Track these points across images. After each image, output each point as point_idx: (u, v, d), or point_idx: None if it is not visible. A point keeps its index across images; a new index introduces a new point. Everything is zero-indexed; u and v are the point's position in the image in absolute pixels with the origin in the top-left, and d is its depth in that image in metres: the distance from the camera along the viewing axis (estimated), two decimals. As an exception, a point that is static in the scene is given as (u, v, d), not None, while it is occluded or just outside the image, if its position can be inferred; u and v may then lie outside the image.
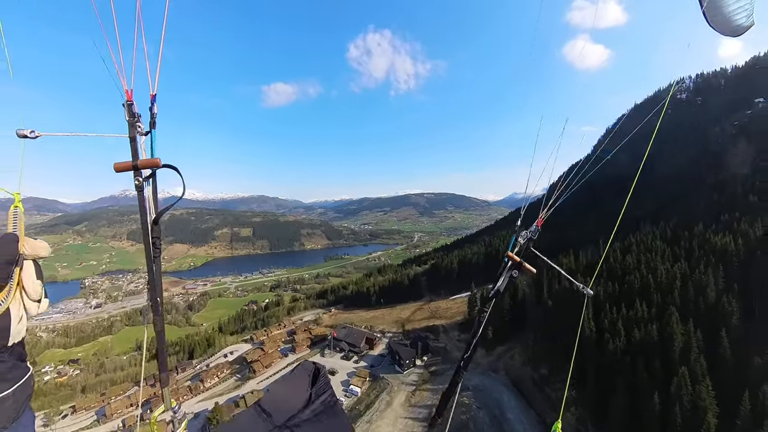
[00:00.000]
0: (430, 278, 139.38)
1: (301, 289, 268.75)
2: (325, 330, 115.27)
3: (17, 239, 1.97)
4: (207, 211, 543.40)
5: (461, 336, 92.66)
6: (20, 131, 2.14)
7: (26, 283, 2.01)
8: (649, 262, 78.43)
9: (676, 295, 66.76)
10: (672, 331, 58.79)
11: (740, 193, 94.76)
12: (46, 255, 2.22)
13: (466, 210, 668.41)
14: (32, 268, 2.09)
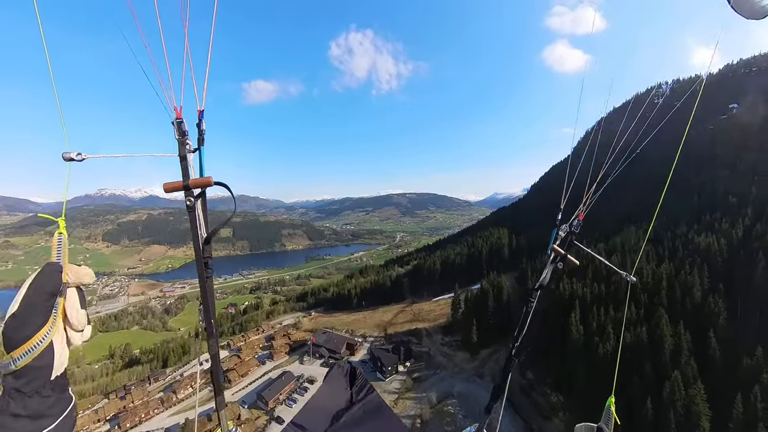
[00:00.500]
0: (413, 279, 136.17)
1: (282, 290, 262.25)
2: (305, 335, 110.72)
3: (61, 269, 1.85)
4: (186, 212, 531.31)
5: (445, 339, 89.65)
6: (66, 154, 2.02)
7: (70, 312, 1.89)
8: (635, 262, 76.71)
9: (663, 296, 65.14)
10: (662, 333, 56.79)
11: (720, 194, 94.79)
12: (90, 282, 2.06)
13: (448, 210, 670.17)
14: (76, 296, 1.95)
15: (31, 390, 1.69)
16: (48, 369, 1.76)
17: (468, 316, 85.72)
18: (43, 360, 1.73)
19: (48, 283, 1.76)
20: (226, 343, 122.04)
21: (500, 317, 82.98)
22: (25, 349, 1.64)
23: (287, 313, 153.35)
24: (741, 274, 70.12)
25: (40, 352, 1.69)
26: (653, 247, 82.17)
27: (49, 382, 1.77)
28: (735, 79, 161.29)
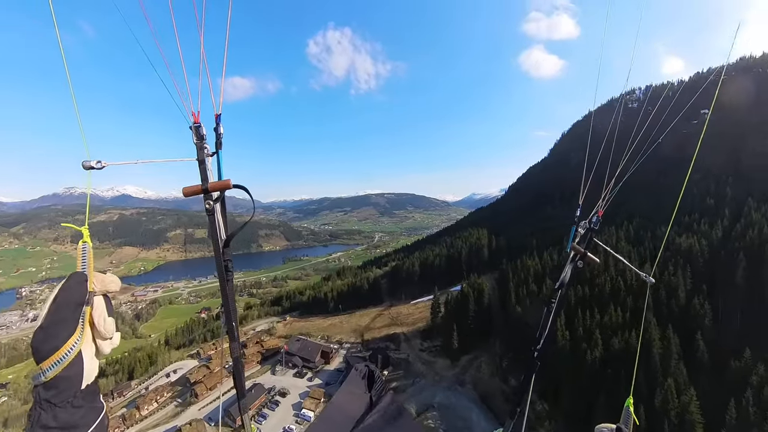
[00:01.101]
0: (391, 281, 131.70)
1: (258, 293, 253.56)
2: (279, 342, 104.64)
3: (86, 278, 1.85)
4: (160, 211, 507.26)
5: (424, 344, 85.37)
6: (86, 162, 2.06)
7: (97, 321, 1.90)
8: (617, 263, 74.28)
9: (648, 299, 62.48)
10: (650, 337, 53.85)
11: (697, 196, 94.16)
12: (116, 289, 2.07)
13: (426, 210, 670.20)
14: (103, 304, 1.95)
15: (61, 401, 1.68)
16: (78, 378, 1.76)
17: (448, 320, 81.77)
18: (72, 370, 1.72)
19: (74, 294, 1.76)
20: (196, 351, 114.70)
21: (481, 321, 79.30)
22: (54, 360, 1.63)
23: (261, 318, 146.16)
24: (722, 274, 68.64)
25: (69, 362, 1.68)
26: (633, 248, 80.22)
27: (80, 391, 1.77)
28: (709, 84, 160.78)
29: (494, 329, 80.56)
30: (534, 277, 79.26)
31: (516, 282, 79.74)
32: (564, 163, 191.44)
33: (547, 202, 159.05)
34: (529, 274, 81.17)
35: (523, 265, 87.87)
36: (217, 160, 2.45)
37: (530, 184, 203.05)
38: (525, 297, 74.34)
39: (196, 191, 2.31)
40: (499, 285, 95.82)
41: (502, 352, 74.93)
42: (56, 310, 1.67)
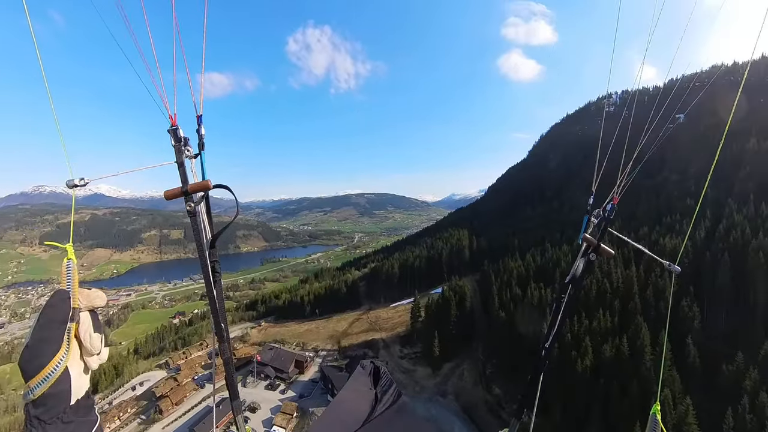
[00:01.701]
0: (370, 284, 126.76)
1: (235, 296, 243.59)
2: (252, 349, 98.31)
3: (69, 295, 1.87)
4: (134, 211, 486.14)
5: (404, 351, 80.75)
6: (70, 182, 2.07)
7: (83, 337, 1.92)
8: (602, 265, 71.41)
9: (637, 302, 59.68)
10: (642, 343, 50.67)
11: (676, 197, 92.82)
12: (101, 304, 2.09)
13: (406, 210, 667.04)
14: (89, 320, 1.97)
15: (51, 417, 1.70)
16: (66, 394, 1.78)
17: (428, 325, 77.47)
18: (59, 386, 1.74)
19: (57, 311, 1.78)
20: (165, 361, 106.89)
21: (463, 326, 75.28)
22: (41, 378, 1.66)
23: (235, 324, 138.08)
24: (707, 275, 66.65)
25: (56, 379, 1.70)
26: (616, 248, 77.72)
27: (69, 407, 1.79)
28: (682, 91, 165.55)
29: (477, 334, 76.80)
30: (518, 280, 75.71)
31: (499, 285, 76.07)
32: (542, 165, 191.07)
33: (527, 202, 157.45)
34: (512, 276, 77.61)
35: (505, 267, 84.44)
36: (201, 161, 2.42)
37: (509, 184, 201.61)
38: (509, 301, 70.63)
39: (176, 194, 2.30)
40: (481, 287, 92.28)
41: (485, 358, 71.11)
42: (41, 328, 1.69)
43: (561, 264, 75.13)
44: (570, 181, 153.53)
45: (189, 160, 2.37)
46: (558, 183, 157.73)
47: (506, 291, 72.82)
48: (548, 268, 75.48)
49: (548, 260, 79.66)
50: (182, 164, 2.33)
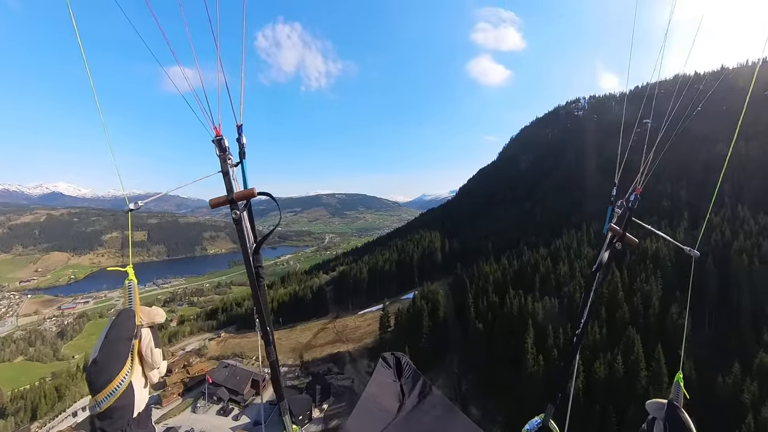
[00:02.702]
0: (338, 289, 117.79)
1: (199, 301, 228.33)
2: (208, 365, 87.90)
3: (134, 314, 2.03)
4: (94, 212, 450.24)
5: (371, 365, 72.49)
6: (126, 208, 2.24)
7: (145, 352, 2.05)
8: (584, 269, 65.91)
9: (625, 310, 54.10)
10: (637, 358, 44.71)
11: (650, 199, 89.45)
12: (161, 321, 2.26)
13: (377, 211, 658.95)
14: (150, 336, 2.10)
15: (115, 429, 1.79)
16: (130, 408, 1.87)
17: (398, 336, 69.77)
18: (124, 400, 1.83)
19: (123, 330, 1.90)
20: None
21: (436, 338, 67.77)
22: (108, 392, 1.76)
23: (193, 335, 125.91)
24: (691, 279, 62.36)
25: (121, 393, 1.80)
26: (595, 250, 72.59)
27: (132, 419, 1.88)
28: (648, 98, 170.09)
29: (451, 345, 69.67)
30: (494, 286, 69.10)
31: (475, 292, 69.23)
32: (513, 166, 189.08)
33: (498, 203, 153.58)
34: (488, 282, 70.98)
35: (480, 272, 77.97)
36: (242, 169, 2.47)
37: (480, 185, 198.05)
38: (486, 311, 63.73)
39: (222, 202, 2.34)
40: (455, 292, 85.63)
41: (461, 372, 64.10)
42: (108, 345, 1.82)
43: (539, 268, 69.24)
44: (541, 183, 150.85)
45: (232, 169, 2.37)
46: (529, 184, 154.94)
47: (483, 299, 65.98)
48: (526, 273, 69.41)
49: (525, 264, 73.69)
50: (227, 173, 2.34)
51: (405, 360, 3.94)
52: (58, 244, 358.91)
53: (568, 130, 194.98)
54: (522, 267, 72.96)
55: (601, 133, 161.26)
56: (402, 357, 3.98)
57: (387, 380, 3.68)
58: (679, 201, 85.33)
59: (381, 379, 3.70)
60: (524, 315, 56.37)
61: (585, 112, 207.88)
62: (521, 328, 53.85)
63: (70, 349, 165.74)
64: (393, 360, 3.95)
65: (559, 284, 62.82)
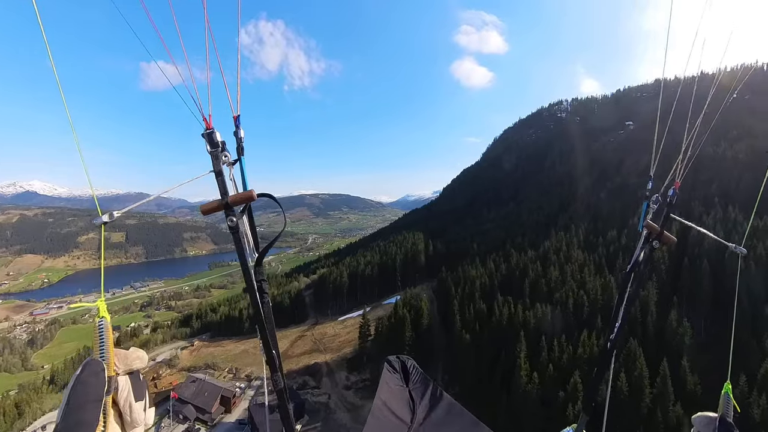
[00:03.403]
0: (317, 293, 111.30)
1: (177, 305, 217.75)
2: (179, 377, 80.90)
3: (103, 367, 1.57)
4: (70, 212, 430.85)
5: (350, 379, 66.63)
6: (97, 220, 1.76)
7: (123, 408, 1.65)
8: (575, 274, 61.50)
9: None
10: (640, 374, 40.08)
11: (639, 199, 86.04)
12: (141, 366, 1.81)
13: (361, 211, 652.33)
14: (128, 386, 1.68)
15: None
16: None
17: (379, 346, 64.01)
18: None
19: (91, 389, 1.47)
20: None
21: (419, 349, 62.07)
22: None
23: (166, 343, 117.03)
24: (686, 282, 58.64)
25: None
26: (585, 253, 68.47)
27: None
28: (628, 101, 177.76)
29: (435, 355, 64.39)
30: (481, 292, 64.07)
31: (460, 298, 64.04)
32: (497, 167, 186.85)
33: (483, 204, 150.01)
34: (474, 287, 65.89)
35: (466, 276, 72.95)
36: (240, 168, 2.07)
37: (465, 186, 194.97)
38: (473, 320, 58.48)
39: (215, 207, 1.98)
40: (439, 296, 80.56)
41: (445, 385, 58.74)
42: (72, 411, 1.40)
43: (529, 272, 64.63)
44: (526, 184, 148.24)
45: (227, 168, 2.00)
46: (514, 185, 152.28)
47: (469, 306, 60.80)
48: (515, 278, 64.75)
49: (514, 268, 68.97)
50: (220, 173, 1.96)
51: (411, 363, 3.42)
52: (32, 246, 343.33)
53: (551, 132, 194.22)
54: (510, 271, 68.23)
55: (584, 134, 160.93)
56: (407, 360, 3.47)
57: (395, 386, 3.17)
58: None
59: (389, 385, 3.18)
60: (515, 324, 51.46)
61: (568, 114, 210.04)
62: (512, 338, 48.90)
63: (40, 358, 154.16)
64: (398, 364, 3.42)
65: (551, 290, 58.19)
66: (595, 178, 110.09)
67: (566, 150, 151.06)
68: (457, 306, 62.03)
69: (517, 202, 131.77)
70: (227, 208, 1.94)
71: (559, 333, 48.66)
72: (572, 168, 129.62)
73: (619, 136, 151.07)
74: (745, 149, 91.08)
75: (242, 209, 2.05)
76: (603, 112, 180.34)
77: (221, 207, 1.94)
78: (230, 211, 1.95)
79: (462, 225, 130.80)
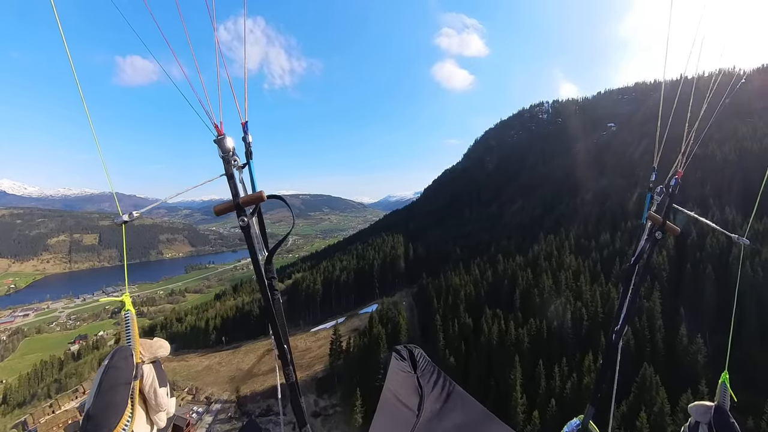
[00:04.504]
0: (290, 301, 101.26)
1: (149, 312, 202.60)
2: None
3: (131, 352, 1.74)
4: (40, 212, 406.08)
5: (319, 404, 57.56)
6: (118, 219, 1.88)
7: (148, 394, 1.77)
8: (569, 282, 54.20)
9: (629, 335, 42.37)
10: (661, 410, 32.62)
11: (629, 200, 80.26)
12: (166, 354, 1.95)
13: (342, 212, 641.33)
14: (153, 373, 1.80)
15: None
16: None
17: (351, 366, 55.19)
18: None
19: (121, 373, 1.62)
20: (24, 420, 76.06)
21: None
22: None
23: None
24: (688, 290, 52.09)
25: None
26: (578, 259, 61.38)
27: None
28: (609, 103, 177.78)
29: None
30: (466, 303, 56.05)
31: (443, 311, 55.87)
32: (479, 167, 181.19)
33: (464, 205, 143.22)
34: (458, 298, 57.85)
35: (449, 284, 65.03)
36: (249, 171, 2.17)
37: (446, 187, 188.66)
38: (459, 339, 50.16)
39: (228, 208, 2.07)
40: (419, 304, 72.59)
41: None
42: (104, 393, 1.53)
43: (518, 280, 57.04)
44: (507, 184, 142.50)
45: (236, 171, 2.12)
46: (496, 186, 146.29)
47: (453, 322, 52.56)
48: (504, 288, 57.04)
49: (501, 276, 61.27)
50: (232, 176, 2.06)
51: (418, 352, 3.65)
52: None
53: (532, 133, 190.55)
54: (497, 279, 60.49)
55: (566, 136, 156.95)
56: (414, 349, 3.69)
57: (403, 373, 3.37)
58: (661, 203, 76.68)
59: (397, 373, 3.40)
60: (506, 344, 43.52)
61: (549, 115, 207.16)
62: (504, 362, 40.96)
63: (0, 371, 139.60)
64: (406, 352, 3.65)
65: (544, 301, 50.60)
66: (579, 179, 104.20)
67: (548, 151, 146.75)
68: (439, 321, 53.77)
69: (498, 203, 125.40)
70: (239, 209, 2.01)
71: (558, 355, 40.97)
72: (555, 169, 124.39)
73: (601, 137, 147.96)
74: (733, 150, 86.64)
75: (252, 210, 2.10)
76: (584, 113, 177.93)
77: (233, 208, 2.02)
78: (242, 212, 2.01)
79: (443, 226, 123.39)
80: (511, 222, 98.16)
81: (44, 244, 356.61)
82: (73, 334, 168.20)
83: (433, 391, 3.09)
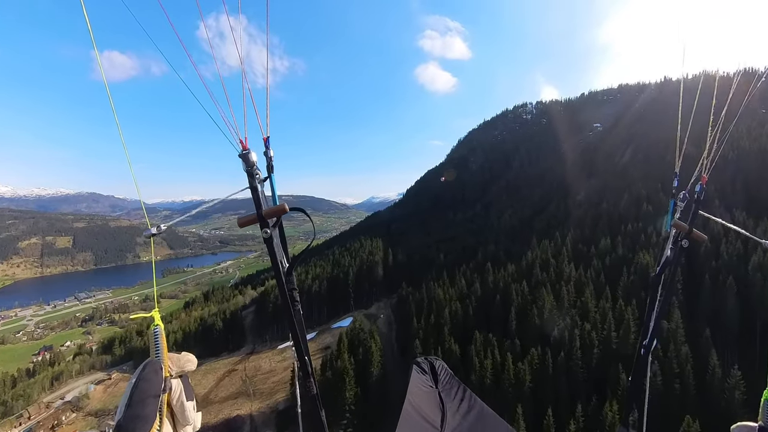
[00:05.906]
0: (259, 312, 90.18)
1: (121, 319, 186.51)
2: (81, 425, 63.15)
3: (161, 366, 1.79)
4: (11, 213, 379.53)
5: (279, 442, 46.94)
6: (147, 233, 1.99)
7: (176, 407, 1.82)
8: (571, 297, 45.08)
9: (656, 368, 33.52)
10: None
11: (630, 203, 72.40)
12: (193, 368, 2.04)
13: (326, 213, 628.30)
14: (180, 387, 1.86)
15: None
16: None
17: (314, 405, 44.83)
18: None
19: (151, 386, 1.66)
20: None
21: (366, 414, 43.21)
22: None
23: (82, 375, 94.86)
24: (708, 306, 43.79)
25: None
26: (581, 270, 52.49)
27: None
28: (594, 104, 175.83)
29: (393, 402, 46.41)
30: (452, 324, 46.33)
31: (424, 335, 46.03)
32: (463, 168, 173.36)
33: (448, 206, 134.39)
34: (442, 317, 48.07)
35: (431, 296, 55.46)
36: (271, 184, 2.24)
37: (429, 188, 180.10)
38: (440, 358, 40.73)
39: (251, 220, 2.09)
40: (398, 318, 63.00)
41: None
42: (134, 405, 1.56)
43: (512, 295, 47.72)
44: (493, 185, 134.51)
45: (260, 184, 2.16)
46: (480, 186, 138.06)
47: (436, 350, 42.63)
48: (495, 305, 47.55)
49: (492, 289, 51.82)
50: (255, 189, 2.08)
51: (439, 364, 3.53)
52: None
53: (517, 133, 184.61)
54: (487, 293, 51.06)
55: (552, 136, 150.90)
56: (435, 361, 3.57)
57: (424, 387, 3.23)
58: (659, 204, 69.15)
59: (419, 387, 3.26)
60: (503, 385, 34.01)
61: (533, 116, 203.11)
62: (502, 410, 31.54)
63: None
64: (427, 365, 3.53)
65: (544, 323, 41.32)
66: (569, 179, 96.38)
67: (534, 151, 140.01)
68: (419, 347, 43.72)
69: (484, 204, 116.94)
70: (262, 220, 2.02)
71: (567, 398, 31.63)
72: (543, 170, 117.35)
73: (588, 137, 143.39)
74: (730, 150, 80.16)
75: (274, 222, 2.11)
76: (569, 114, 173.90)
77: (257, 220, 2.02)
78: (265, 224, 2.02)
79: (426, 228, 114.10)
80: (498, 224, 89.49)
81: (14, 247, 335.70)
82: (36, 346, 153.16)
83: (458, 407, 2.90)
